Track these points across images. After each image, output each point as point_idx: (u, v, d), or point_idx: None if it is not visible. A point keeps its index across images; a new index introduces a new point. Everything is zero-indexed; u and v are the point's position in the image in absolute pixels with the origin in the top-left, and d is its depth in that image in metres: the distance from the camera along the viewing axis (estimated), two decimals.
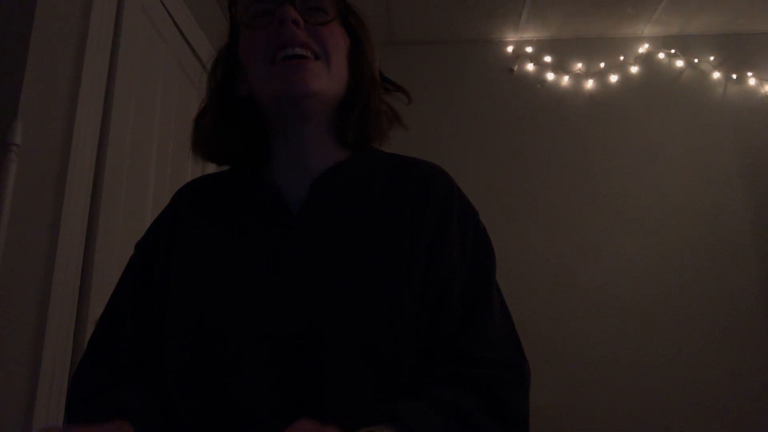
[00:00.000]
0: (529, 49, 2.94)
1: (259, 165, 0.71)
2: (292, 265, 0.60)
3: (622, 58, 2.90)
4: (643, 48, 2.91)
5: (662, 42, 2.92)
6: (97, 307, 1.42)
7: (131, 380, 0.62)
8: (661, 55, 2.90)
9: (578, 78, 2.91)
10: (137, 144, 1.71)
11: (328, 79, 0.64)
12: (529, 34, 2.96)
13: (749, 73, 2.83)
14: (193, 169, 2.16)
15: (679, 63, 2.88)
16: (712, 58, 2.86)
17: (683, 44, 2.89)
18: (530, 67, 2.93)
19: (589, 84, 2.89)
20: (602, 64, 2.89)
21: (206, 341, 0.58)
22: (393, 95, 0.74)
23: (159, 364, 0.62)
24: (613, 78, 2.88)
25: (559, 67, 2.92)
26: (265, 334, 0.57)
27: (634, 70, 2.89)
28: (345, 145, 0.71)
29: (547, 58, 2.93)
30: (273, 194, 0.66)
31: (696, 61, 2.87)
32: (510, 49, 2.96)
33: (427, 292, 0.60)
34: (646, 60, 2.91)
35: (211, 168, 0.78)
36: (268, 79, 0.63)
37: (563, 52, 2.93)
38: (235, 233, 0.65)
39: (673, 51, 2.89)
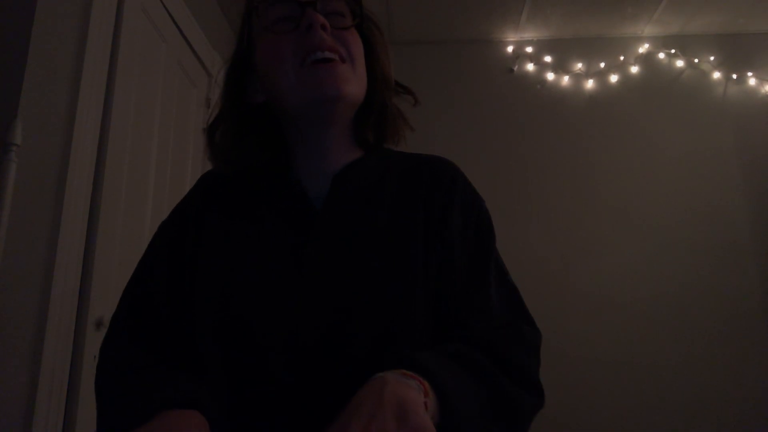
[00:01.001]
0: (529, 49, 2.94)
1: (278, 165, 0.72)
2: (315, 261, 0.62)
3: (622, 58, 2.90)
4: (644, 48, 2.91)
5: (662, 42, 2.92)
6: (97, 307, 1.42)
7: (171, 359, 0.62)
8: (662, 55, 2.90)
9: (578, 78, 2.91)
10: (137, 144, 1.71)
11: (355, 81, 0.65)
12: (529, 34, 2.96)
13: (749, 73, 2.83)
14: (193, 169, 2.16)
15: (680, 63, 2.88)
16: (712, 58, 2.86)
17: (683, 44, 2.89)
18: (530, 67, 2.93)
19: (589, 84, 2.89)
20: (602, 64, 2.90)
21: (231, 335, 0.60)
22: (402, 97, 0.76)
23: (186, 348, 0.63)
24: (614, 78, 2.88)
25: (559, 67, 2.92)
26: (288, 328, 0.59)
27: (634, 70, 2.89)
28: (360, 145, 0.73)
29: (547, 58, 2.93)
30: (297, 191, 0.67)
31: (696, 61, 2.87)
32: (510, 49, 2.96)
33: (434, 275, 0.62)
34: (647, 60, 2.91)
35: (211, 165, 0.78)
36: (298, 83, 0.63)
37: (563, 52, 2.93)
38: (259, 228, 0.66)
39: (673, 51, 2.89)
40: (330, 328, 0.58)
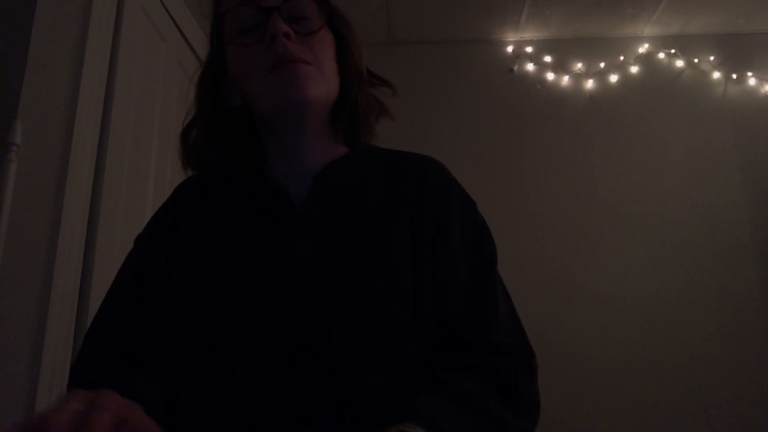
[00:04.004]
0: (529, 49, 2.94)
1: (256, 164, 0.72)
2: (296, 263, 0.61)
3: (622, 58, 2.90)
4: (643, 48, 2.91)
5: (662, 42, 2.91)
6: (97, 308, 1.42)
7: (130, 375, 0.62)
8: (661, 55, 2.90)
9: (578, 78, 2.91)
10: (137, 144, 1.71)
11: (323, 84, 0.65)
12: (529, 34, 2.96)
13: (749, 73, 2.83)
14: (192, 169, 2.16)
15: (679, 63, 2.88)
16: (712, 58, 2.86)
17: (683, 44, 2.89)
18: (530, 67, 2.93)
19: (589, 84, 2.89)
20: (602, 64, 2.89)
21: (211, 339, 0.59)
22: (379, 89, 0.75)
23: (157, 359, 0.62)
24: (613, 78, 2.88)
25: (559, 67, 2.92)
26: (270, 331, 0.58)
27: (634, 70, 2.89)
28: (340, 141, 0.72)
29: (547, 58, 2.92)
30: (275, 191, 0.66)
31: (696, 60, 2.87)
32: (510, 49, 2.96)
33: (430, 285, 0.61)
34: (646, 60, 2.91)
35: None
36: (266, 90, 0.63)
37: (563, 52, 2.93)
38: (238, 229, 0.65)
39: (673, 51, 2.89)
40: (312, 332, 0.57)
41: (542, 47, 2.94)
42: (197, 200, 0.70)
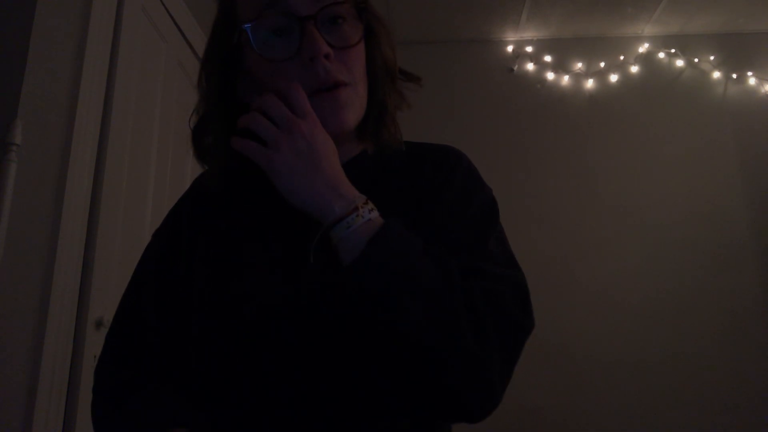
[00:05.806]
0: (529, 49, 2.94)
1: None
2: (314, 260, 0.60)
3: (622, 57, 2.90)
4: (643, 47, 2.91)
5: (662, 41, 2.92)
6: (97, 307, 1.42)
7: (161, 375, 0.62)
8: (662, 55, 2.90)
9: (578, 77, 2.91)
10: (137, 144, 1.71)
11: (359, 105, 0.63)
12: (529, 34, 2.96)
13: (749, 73, 2.83)
14: (193, 168, 2.16)
15: (680, 62, 2.88)
16: (712, 58, 2.86)
17: (683, 44, 2.89)
18: (530, 66, 2.93)
19: (590, 83, 2.89)
20: (602, 64, 2.89)
21: (229, 335, 0.59)
22: (403, 83, 0.73)
23: (181, 355, 0.63)
24: (613, 77, 2.88)
25: (559, 67, 2.92)
26: (288, 327, 0.58)
27: (634, 69, 2.89)
28: (361, 138, 0.71)
29: (547, 58, 2.93)
30: None
31: (696, 60, 2.87)
32: (510, 48, 2.96)
33: None
34: (646, 59, 2.91)
35: None
36: None
37: (563, 51, 2.93)
38: (257, 229, 0.65)
39: (673, 50, 2.89)
40: (330, 332, 0.57)
41: (542, 47, 2.94)
42: (215, 198, 0.70)
